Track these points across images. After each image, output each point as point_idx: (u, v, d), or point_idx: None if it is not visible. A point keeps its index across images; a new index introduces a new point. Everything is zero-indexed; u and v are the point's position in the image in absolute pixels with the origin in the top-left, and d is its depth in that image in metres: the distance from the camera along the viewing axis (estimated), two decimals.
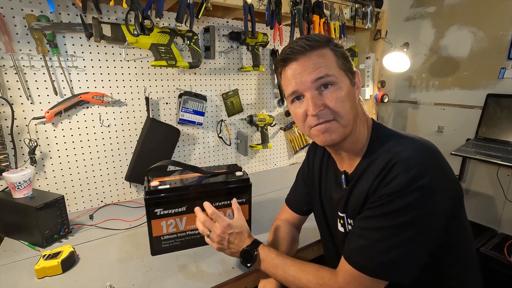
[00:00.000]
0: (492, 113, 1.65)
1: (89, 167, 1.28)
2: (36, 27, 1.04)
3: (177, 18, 1.18)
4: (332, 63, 0.65)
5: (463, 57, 1.80)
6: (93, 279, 0.86)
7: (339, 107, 0.64)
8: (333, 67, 0.65)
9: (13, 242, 1.04)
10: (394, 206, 0.60)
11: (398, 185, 0.59)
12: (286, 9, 1.46)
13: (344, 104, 0.65)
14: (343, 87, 0.65)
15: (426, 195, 0.58)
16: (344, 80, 0.66)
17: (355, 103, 0.68)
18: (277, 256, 0.77)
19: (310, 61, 0.64)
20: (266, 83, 1.75)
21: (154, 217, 0.93)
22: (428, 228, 0.60)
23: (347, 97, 0.65)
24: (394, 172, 0.60)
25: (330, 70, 0.64)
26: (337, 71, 0.65)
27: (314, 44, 0.65)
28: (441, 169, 0.62)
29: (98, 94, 1.22)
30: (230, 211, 1.03)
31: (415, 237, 0.60)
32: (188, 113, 1.45)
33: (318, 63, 0.64)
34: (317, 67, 0.64)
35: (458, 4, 1.78)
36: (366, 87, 1.98)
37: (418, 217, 0.59)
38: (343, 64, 0.66)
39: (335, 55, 0.66)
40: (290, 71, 0.67)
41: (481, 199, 1.78)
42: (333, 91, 0.65)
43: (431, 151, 0.63)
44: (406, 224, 0.59)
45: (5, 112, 1.08)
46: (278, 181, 1.64)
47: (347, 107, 0.65)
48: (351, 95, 0.66)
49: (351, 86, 0.67)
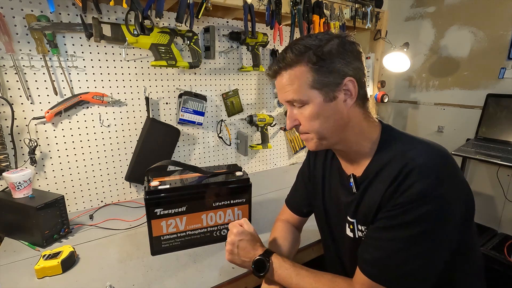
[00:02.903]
0: (492, 113, 1.65)
1: (89, 167, 1.28)
2: (36, 27, 1.04)
3: (177, 18, 1.18)
4: (302, 84, 0.64)
5: (463, 57, 1.80)
6: (93, 279, 0.86)
7: (307, 125, 0.67)
8: (301, 89, 0.64)
9: (13, 242, 1.04)
10: (411, 216, 0.58)
11: (415, 194, 0.57)
12: (286, 9, 1.46)
13: (312, 122, 0.66)
14: (311, 106, 0.65)
15: (444, 205, 0.58)
16: (314, 99, 0.64)
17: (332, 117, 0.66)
18: (291, 266, 0.74)
19: (281, 83, 0.67)
20: (266, 83, 1.75)
21: (154, 217, 0.93)
22: (445, 237, 0.60)
23: (317, 115, 0.65)
24: (410, 180, 0.58)
25: (295, 95, 0.65)
26: (306, 92, 0.64)
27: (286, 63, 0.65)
28: (456, 176, 0.61)
29: (98, 94, 1.22)
30: (230, 211, 1.03)
31: (433, 248, 0.59)
32: (188, 113, 1.45)
33: (287, 86, 0.66)
34: (286, 90, 0.66)
35: (458, 4, 1.78)
36: (366, 87, 1.98)
37: (435, 228, 0.58)
38: (317, 81, 0.63)
39: (311, 70, 0.63)
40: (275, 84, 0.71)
41: (481, 199, 1.78)
42: (301, 110, 0.67)
43: (445, 157, 0.62)
44: (424, 235, 0.58)
45: (5, 112, 1.08)
46: (278, 181, 1.64)
47: (316, 125, 0.66)
48: (322, 112, 0.65)
49: (323, 103, 0.65)
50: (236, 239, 0.78)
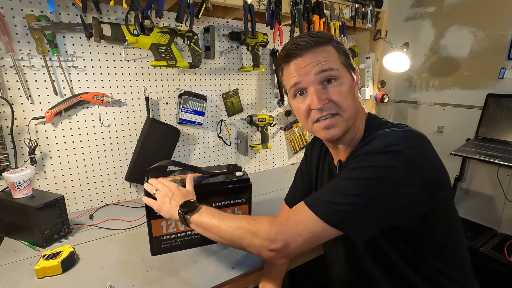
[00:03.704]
0: (492, 113, 1.65)
1: (89, 167, 1.28)
2: (36, 27, 1.04)
3: (177, 18, 1.18)
4: (335, 58, 0.67)
5: (463, 57, 1.80)
6: (93, 279, 0.86)
7: (343, 101, 0.67)
8: (336, 62, 0.67)
9: (13, 242, 1.04)
10: (362, 163, 0.61)
11: (372, 147, 0.62)
12: (286, 9, 1.46)
13: (347, 98, 0.67)
14: (346, 82, 0.67)
15: (398, 160, 0.58)
16: (346, 75, 0.68)
17: (356, 98, 0.70)
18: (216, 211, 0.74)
19: (315, 56, 0.66)
20: (266, 83, 1.75)
21: (154, 217, 0.93)
22: (392, 192, 0.59)
23: (350, 92, 0.67)
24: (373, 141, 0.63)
25: (334, 65, 0.66)
26: (340, 67, 0.67)
27: (318, 40, 0.66)
28: (422, 147, 0.61)
29: (98, 94, 1.22)
30: (230, 211, 1.03)
31: (375, 195, 0.59)
32: (188, 113, 1.45)
33: (322, 58, 0.66)
34: (322, 61, 0.66)
35: (458, 4, 1.78)
36: (366, 87, 1.98)
37: (383, 178, 0.58)
38: (345, 60, 0.69)
39: (338, 51, 0.68)
40: (293, 66, 0.68)
41: (481, 199, 1.78)
42: (336, 85, 0.67)
43: (417, 134, 0.64)
44: (370, 180, 0.59)
45: (5, 112, 1.08)
46: (278, 181, 1.64)
47: (349, 101, 0.67)
48: (352, 90, 0.69)
49: (352, 81, 0.69)
50: (174, 189, 0.81)
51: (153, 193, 0.83)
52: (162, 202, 0.80)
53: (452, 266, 0.69)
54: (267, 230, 0.63)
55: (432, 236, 0.67)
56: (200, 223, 0.73)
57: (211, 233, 0.71)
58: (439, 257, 0.68)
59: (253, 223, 0.66)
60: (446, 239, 0.69)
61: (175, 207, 0.77)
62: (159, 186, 0.84)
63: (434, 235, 0.67)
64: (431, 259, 0.67)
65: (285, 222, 0.63)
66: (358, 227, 0.60)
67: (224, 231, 0.69)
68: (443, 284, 0.68)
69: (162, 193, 0.81)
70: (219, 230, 0.70)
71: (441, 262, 0.68)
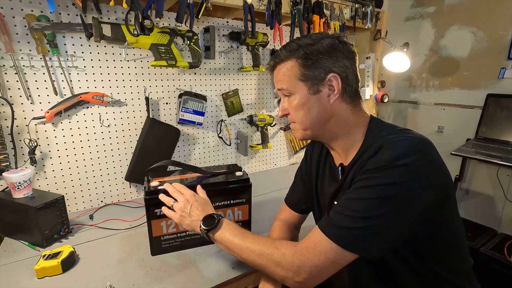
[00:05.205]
0: (492, 113, 1.65)
1: (89, 167, 1.28)
2: (36, 27, 1.04)
3: (177, 18, 1.18)
4: (291, 76, 0.71)
5: (463, 57, 1.80)
6: (93, 279, 0.86)
7: (293, 114, 0.75)
8: (290, 80, 0.72)
9: (13, 242, 1.04)
10: (372, 181, 0.61)
11: (380, 162, 0.61)
12: (286, 9, 1.46)
13: (298, 112, 0.73)
14: (297, 97, 0.72)
15: (408, 174, 0.58)
16: (300, 90, 0.72)
17: (316, 109, 0.72)
18: (238, 228, 0.76)
19: (276, 76, 0.76)
20: (266, 83, 1.75)
21: (154, 217, 0.93)
22: (405, 209, 0.59)
23: (302, 105, 0.72)
24: (380, 152, 0.63)
25: (284, 84, 0.73)
26: (293, 83, 0.72)
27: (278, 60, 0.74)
28: (429, 156, 0.62)
29: (98, 94, 1.22)
30: (230, 211, 1.03)
31: (389, 214, 0.59)
32: (188, 113, 1.45)
33: (279, 77, 0.74)
34: (278, 80, 0.75)
35: (458, 4, 1.78)
36: (366, 87, 1.98)
37: (395, 195, 0.58)
38: (303, 74, 0.70)
39: (299, 65, 0.70)
40: None
41: (481, 199, 1.78)
42: (288, 100, 0.75)
43: (422, 140, 0.64)
44: (382, 200, 0.59)
45: (5, 112, 1.08)
46: (278, 181, 1.64)
47: (300, 114, 0.73)
48: (307, 103, 0.72)
49: (307, 94, 0.71)
50: (191, 199, 0.82)
51: (170, 205, 0.83)
52: (182, 216, 0.81)
53: (454, 271, 0.69)
54: (290, 261, 0.64)
55: (435, 242, 0.67)
56: (222, 240, 0.75)
57: (234, 253, 0.74)
58: (441, 262, 0.68)
59: (276, 251, 0.67)
60: (449, 244, 0.69)
61: (196, 221, 0.79)
62: (176, 196, 0.83)
63: (437, 241, 0.67)
64: (433, 264, 0.67)
65: (306, 254, 0.63)
66: (376, 248, 0.61)
67: (247, 256, 0.71)
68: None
69: (180, 205, 0.81)
70: (241, 252, 0.72)
71: (443, 267, 0.68)
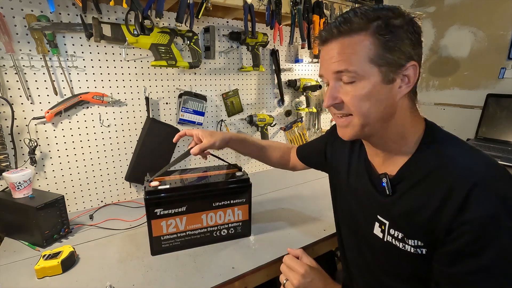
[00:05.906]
0: (492, 113, 1.65)
1: (89, 167, 1.28)
2: (36, 27, 1.04)
3: (177, 18, 1.18)
4: (361, 55, 0.55)
5: (463, 57, 1.80)
6: (93, 279, 0.86)
7: (355, 106, 0.59)
8: (358, 60, 0.56)
9: (13, 242, 1.04)
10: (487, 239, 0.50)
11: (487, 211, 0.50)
12: (286, 9, 1.46)
13: (362, 103, 0.58)
14: (367, 85, 0.57)
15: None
16: (372, 76, 0.56)
17: (384, 102, 0.58)
18: None
19: (335, 50, 0.58)
20: (266, 83, 1.75)
21: (154, 217, 0.93)
22: None
23: (368, 96, 0.57)
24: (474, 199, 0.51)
25: (351, 65, 0.56)
26: (363, 66, 0.56)
27: (345, 29, 0.56)
28: None
29: (98, 94, 1.22)
30: (230, 211, 1.03)
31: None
32: (188, 113, 1.45)
33: (342, 54, 0.57)
34: (339, 58, 0.57)
35: (458, 4, 1.79)
36: None
37: None
38: (380, 56, 0.55)
39: (372, 43, 0.55)
40: (322, 53, 0.62)
41: None
42: (352, 87, 0.58)
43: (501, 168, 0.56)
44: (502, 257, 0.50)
45: (5, 112, 1.08)
46: (278, 181, 1.64)
47: (364, 107, 0.58)
48: (376, 93, 0.57)
49: (380, 83, 0.57)
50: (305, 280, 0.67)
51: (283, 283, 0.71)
52: None
53: None
54: None
55: None
56: None
57: None
58: None
59: None
60: None
61: None
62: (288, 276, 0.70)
63: None
64: None
65: None
66: None
67: None
68: None
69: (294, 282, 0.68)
70: None
71: None
